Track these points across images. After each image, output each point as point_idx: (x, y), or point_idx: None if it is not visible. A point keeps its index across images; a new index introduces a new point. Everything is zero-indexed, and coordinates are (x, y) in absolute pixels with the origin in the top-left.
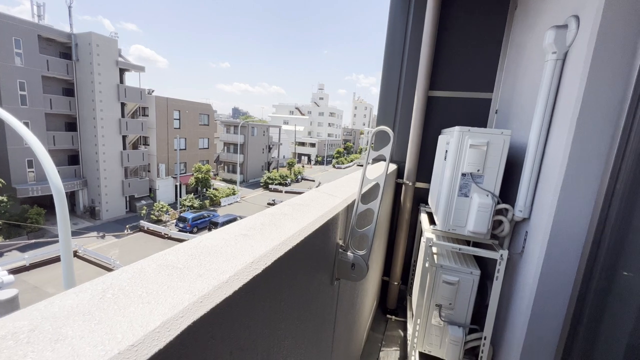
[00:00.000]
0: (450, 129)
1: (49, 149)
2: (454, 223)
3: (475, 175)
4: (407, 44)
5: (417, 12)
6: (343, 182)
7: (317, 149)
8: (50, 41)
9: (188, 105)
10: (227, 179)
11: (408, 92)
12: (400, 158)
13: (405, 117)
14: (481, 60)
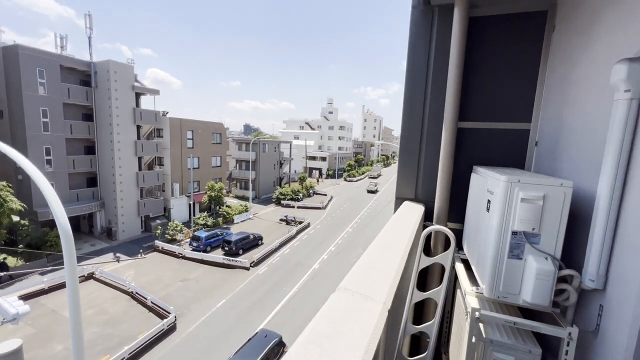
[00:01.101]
0: (491, 172)
1: (69, 172)
2: (505, 290)
3: (529, 234)
4: (431, 71)
5: (440, 37)
6: (380, 256)
7: (328, 163)
8: (71, 70)
9: (201, 125)
10: (239, 195)
11: (434, 123)
12: (427, 197)
13: (431, 151)
14: (515, 88)
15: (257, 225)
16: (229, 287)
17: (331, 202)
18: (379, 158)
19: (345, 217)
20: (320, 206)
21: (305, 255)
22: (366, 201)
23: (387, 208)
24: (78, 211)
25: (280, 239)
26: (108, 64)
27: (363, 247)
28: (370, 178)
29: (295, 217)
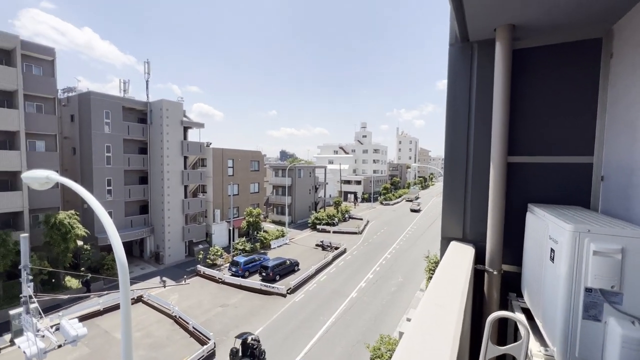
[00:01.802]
0: (552, 216)
1: (125, 201)
2: (581, 356)
3: (608, 292)
4: (473, 106)
5: (482, 71)
6: (435, 320)
7: (363, 186)
8: (131, 110)
9: (240, 153)
10: (276, 220)
11: (480, 158)
12: (476, 236)
13: (479, 188)
14: (572, 119)
15: (294, 250)
16: (267, 314)
17: (367, 226)
18: (416, 180)
19: (383, 242)
20: (357, 231)
21: (342, 282)
22: (404, 225)
23: (428, 232)
24: (132, 236)
25: (316, 265)
26: (162, 103)
27: (403, 275)
28: (407, 201)
29: (331, 243)
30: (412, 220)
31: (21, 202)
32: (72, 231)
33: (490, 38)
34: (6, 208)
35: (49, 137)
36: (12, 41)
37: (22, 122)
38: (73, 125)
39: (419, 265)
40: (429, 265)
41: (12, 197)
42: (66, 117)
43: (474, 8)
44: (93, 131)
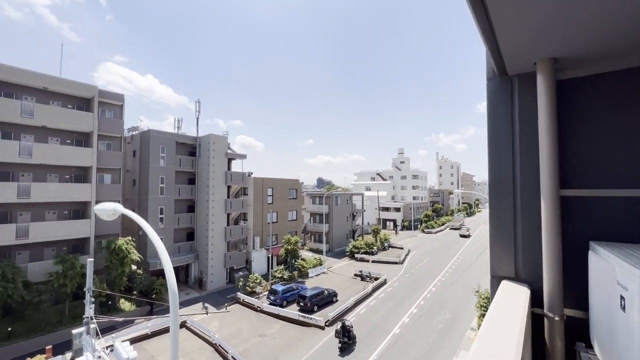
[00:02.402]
0: (619, 258)
1: (174, 228)
2: None
3: None
4: (517, 138)
5: (524, 104)
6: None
7: (403, 214)
8: (183, 144)
9: (279, 182)
10: (313, 248)
11: (529, 191)
12: (531, 275)
13: (530, 223)
14: (632, 149)
15: (331, 279)
16: (304, 347)
17: (409, 256)
18: (460, 207)
19: (427, 273)
20: (397, 261)
21: (384, 316)
22: (450, 255)
23: (477, 264)
24: (179, 262)
25: (355, 297)
26: (209, 138)
27: (451, 311)
28: (452, 229)
29: (370, 273)
30: (458, 249)
31: (89, 229)
32: (129, 256)
33: (530, 71)
34: (77, 234)
35: (114, 171)
36: (91, 91)
37: (94, 158)
38: (134, 159)
39: (468, 301)
40: (480, 301)
41: (83, 224)
42: (129, 153)
43: (509, 47)
44: (151, 165)
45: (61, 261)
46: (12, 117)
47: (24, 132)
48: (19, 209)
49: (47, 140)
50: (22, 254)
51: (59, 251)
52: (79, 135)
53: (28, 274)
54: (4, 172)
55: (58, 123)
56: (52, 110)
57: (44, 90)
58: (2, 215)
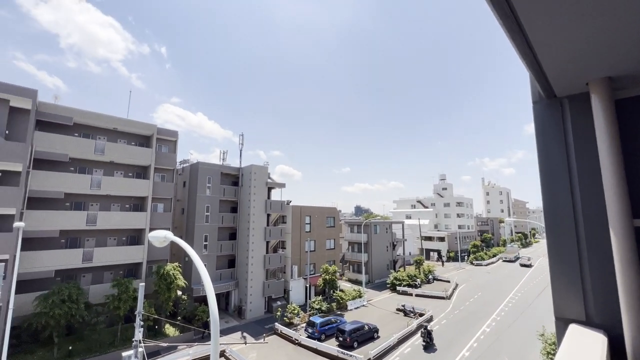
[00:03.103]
0: None
1: (217, 255)
2: None
3: None
4: (573, 165)
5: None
6: None
7: (448, 243)
8: (227, 175)
9: (317, 210)
10: (352, 279)
11: (594, 221)
12: (607, 321)
13: (599, 258)
14: None
15: (372, 313)
16: None
17: (457, 290)
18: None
19: (479, 311)
20: (444, 295)
21: (431, 359)
22: (506, 290)
23: (540, 302)
24: (220, 289)
25: (398, 334)
26: (251, 168)
27: (510, 357)
28: (505, 261)
29: (414, 308)
30: (515, 283)
31: (142, 254)
32: (175, 281)
33: (583, 92)
34: (132, 259)
35: (166, 200)
36: (151, 129)
37: (150, 189)
38: (184, 189)
39: (531, 346)
40: (546, 348)
41: (137, 250)
42: (180, 184)
43: (555, 70)
44: (198, 194)
45: (117, 284)
46: (88, 154)
47: (95, 167)
48: (86, 235)
49: (113, 174)
50: (86, 277)
51: (116, 275)
52: (138, 169)
53: (89, 296)
54: (77, 202)
55: (123, 158)
56: (119, 147)
57: (114, 130)
58: (73, 240)
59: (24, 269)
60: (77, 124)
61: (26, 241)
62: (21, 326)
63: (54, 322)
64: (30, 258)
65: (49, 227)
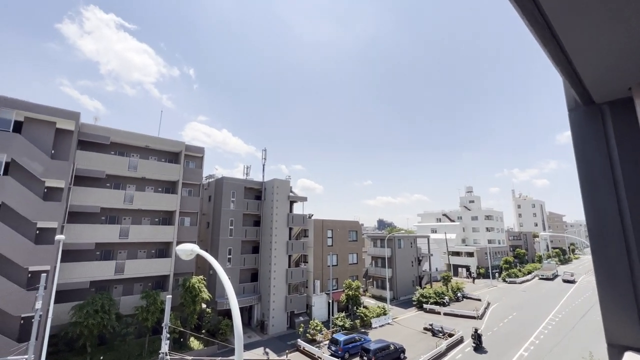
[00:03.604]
0: None
1: (240, 268)
2: None
3: None
4: (619, 174)
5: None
6: None
7: (477, 259)
8: (250, 189)
9: (339, 224)
10: (376, 295)
11: None
12: None
13: None
14: None
15: (398, 332)
16: None
17: (489, 309)
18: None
19: (514, 332)
20: (475, 315)
21: None
22: (545, 311)
23: (585, 325)
24: (243, 303)
25: (426, 355)
26: (273, 182)
27: None
28: (541, 279)
29: (442, 327)
30: (555, 303)
31: (169, 267)
32: (200, 294)
33: (625, 97)
34: (160, 272)
35: (193, 214)
36: (180, 146)
37: (178, 203)
38: (209, 204)
39: None
40: None
41: (165, 263)
42: (205, 198)
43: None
44: (223, 208)
45: (146, 296)
46: (122, 171)
47: (128, 182)
48: (119, 248)
49: (144, 189)
50: (117, 288)
51: (145, 287)
52: (167, 184)
53: (120, 307)
54: (112, 216)
55: (154, 174)
56: (150, 164)
57: (145, 148)
58: (107, 252)
59: (62, 280)
60: (113, 142)
61: (65, 253)
62: (58, 334)
63: (88, 332)
64: (68, 269)
65: (86, 240)
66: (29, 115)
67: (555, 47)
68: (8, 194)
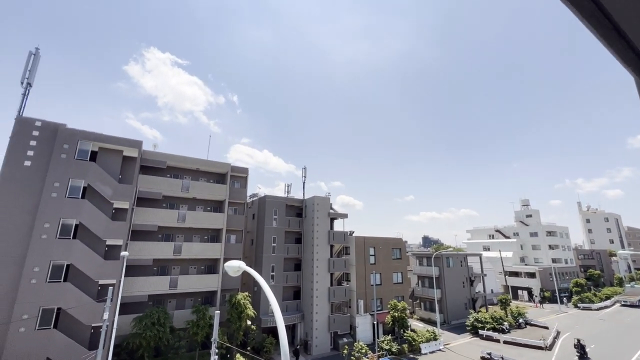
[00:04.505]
0: None
1: (283, 286)
2: None
3: None
4: None
5: None
6: None
7: (540, 280)
8: (291, 207)
9: (381, 241)
10: (424, 318)
11: None
12: None
13: None
14: None
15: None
16: None
17: (559, 339)
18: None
19: None
20: (542, 345)
21: None
22: (632, 344)
23: None
24: (286, 321)
25: None
26: (314, 199)
27: None
28: (623, 305)
29: (503, 357)
30: None
31: (217, 283)
32: (245, 311)
33: None
34: (208, 287)
35: (238, 232)
36: (226, 168)
37: (225, 222)
38: (253, 221)
39: None
40: None
41: (213, 279)
42: (249, 216)
43: None
44: (266, 226)
45: (196, 311)
46: (176, 192)
47: (181, 203)
48: (173, 264)
49: (195, 209)
50: (171, 302)
51: (195, 302)
52: (215, 203)
53: (173, 320)
54: (167, 234)
55: (204, 194)
56: (201, 185)
57: (196, 170)
58: (162, 268)
59: (125, 293)
60: (168, 166)
61: (127, 268)
62: (121, 344)
63: (146, 343)
64: (130, 283)
65: (145, 256)
66: (102, 146)
67: (624, 46)
68: (84, 215)
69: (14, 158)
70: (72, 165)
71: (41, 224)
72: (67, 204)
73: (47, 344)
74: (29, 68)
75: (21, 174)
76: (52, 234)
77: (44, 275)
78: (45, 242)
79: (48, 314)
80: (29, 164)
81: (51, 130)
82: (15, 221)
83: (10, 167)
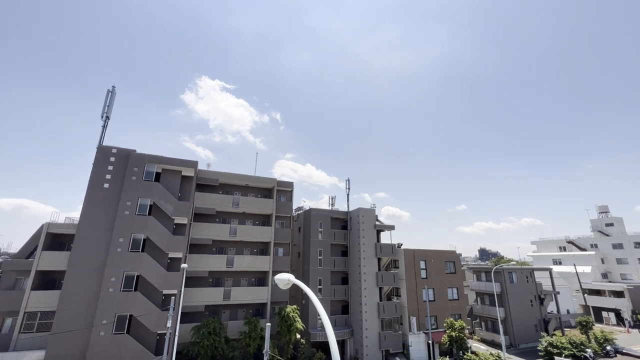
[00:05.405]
0: None
1: (331, 300)
2: None
3: None
4: None
5: None
6: None
7: (630, 300)
8: (336, 219)
9: (433, 254)
10: (487, 339)
11: None
12: None
13: None
14: None
15: None
16: None
17: None
18: None
19: None
20: None
21: None
22: None
23: None
24: (336, 336)
25: None
26: (358, 211)
27: None
28: None
29: None
30: None
31: (266, 295)
32: (294, 324)
33: None
34: (259, 299)
35: (285, 245)
36: (272, 183)
37: (273, 235)
38: (299, 235)
39: None
40: None
41: (262, 291)
42: (295, 229)
43: None
44: (311, 238)
45: (248, 322)
46: (227, 207)
47: (232, 217)
48: (225, 276)
49: (245, 223)
50: (225, 313)
51: (247, 313)
52: (263, 217)
53: (227, 331)
54: (220, 247)
55: (252, 209)
56: (249, 200)
57: (245, 186)
58: (217, 280)
59: (185, 303)
60: (220, 183)
61: (186, 280)
62: (182, 352)
63: (203, 352)
64: (188, 294)
65: (201, 268)
66: (165, 167)
67: None
68: (151, 231)
69: (96, 181)
70: (141, 186)
71: (117, 238)
72: (137, 221)
73: (121, 348)
74: (107, 103)
75: (101, 195)
76: (125, 247)
77: (118, 284)
78: (119, 255)
79: (122, 320)
80: (107, 186)
81: (124, 156)
82: (97, 236)
83: (93, 190)
